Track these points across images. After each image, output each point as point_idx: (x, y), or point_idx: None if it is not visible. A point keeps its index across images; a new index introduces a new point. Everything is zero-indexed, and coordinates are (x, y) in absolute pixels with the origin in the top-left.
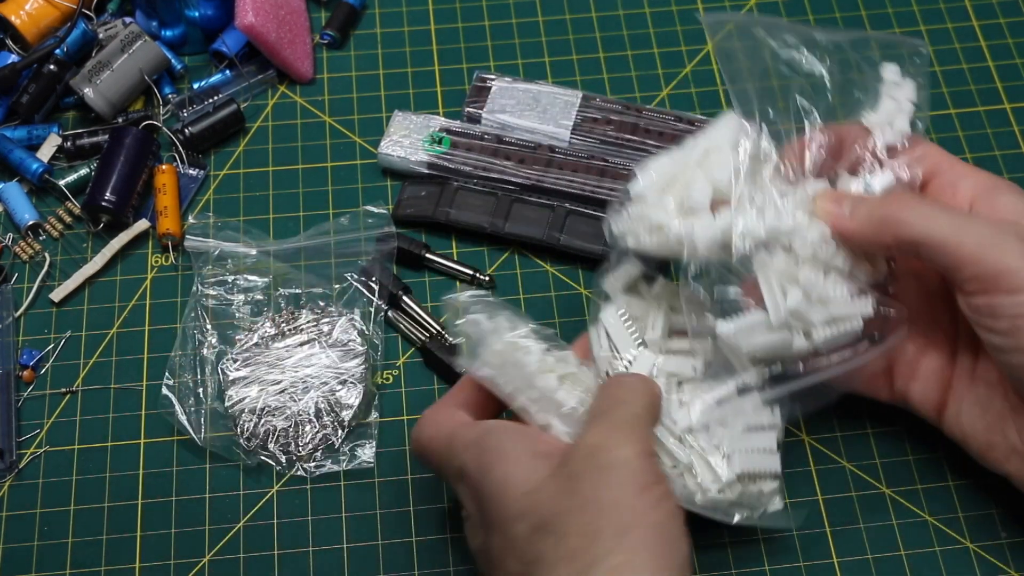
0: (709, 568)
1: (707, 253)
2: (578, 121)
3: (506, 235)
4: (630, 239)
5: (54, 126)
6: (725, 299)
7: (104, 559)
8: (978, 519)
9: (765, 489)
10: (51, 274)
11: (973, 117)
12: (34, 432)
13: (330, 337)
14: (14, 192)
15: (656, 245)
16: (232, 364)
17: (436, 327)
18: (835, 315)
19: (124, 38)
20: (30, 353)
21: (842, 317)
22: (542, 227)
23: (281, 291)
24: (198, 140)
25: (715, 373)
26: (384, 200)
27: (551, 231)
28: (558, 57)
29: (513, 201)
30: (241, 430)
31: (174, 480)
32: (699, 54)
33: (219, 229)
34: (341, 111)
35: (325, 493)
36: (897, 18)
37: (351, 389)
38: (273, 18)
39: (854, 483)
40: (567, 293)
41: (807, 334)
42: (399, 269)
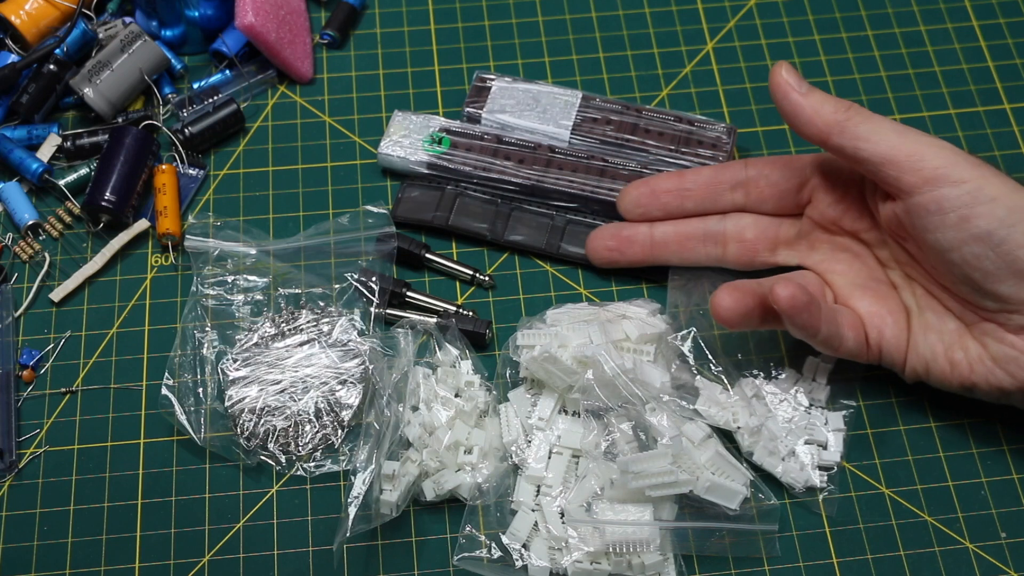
0: (709, 568)
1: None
2: (578, 121)
3: (506, 243)
4: (524, 364)
5: (54, 126)
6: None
7: (104, 559)
8: (978, 519)
9: (647, 561)
10: (51, 274)
11: (973, 117)
12: (34, 432)
13: (330, 337)
14: (14, 192)
15: (545, 377)
16: (232, 364)
17: (451, 306)
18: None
19: (124, 38)
20: (30, 353)
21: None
22: (542, 235)
23: (281, 291)
24: (198, 140)
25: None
26: (384, 200)
27: (551, 239)
28: (558, 57)
29: (513, 209)
30: (241, 430)
31: (174, 480)
32: (699, 54)
33: (219, 229)
34: (341, 111)
35: (325, 493)
36: (897, 18)
37: (351, 389)
38: (273, 18)
39: (854, 483)
40: (567, 293)
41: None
42: (399, 269)
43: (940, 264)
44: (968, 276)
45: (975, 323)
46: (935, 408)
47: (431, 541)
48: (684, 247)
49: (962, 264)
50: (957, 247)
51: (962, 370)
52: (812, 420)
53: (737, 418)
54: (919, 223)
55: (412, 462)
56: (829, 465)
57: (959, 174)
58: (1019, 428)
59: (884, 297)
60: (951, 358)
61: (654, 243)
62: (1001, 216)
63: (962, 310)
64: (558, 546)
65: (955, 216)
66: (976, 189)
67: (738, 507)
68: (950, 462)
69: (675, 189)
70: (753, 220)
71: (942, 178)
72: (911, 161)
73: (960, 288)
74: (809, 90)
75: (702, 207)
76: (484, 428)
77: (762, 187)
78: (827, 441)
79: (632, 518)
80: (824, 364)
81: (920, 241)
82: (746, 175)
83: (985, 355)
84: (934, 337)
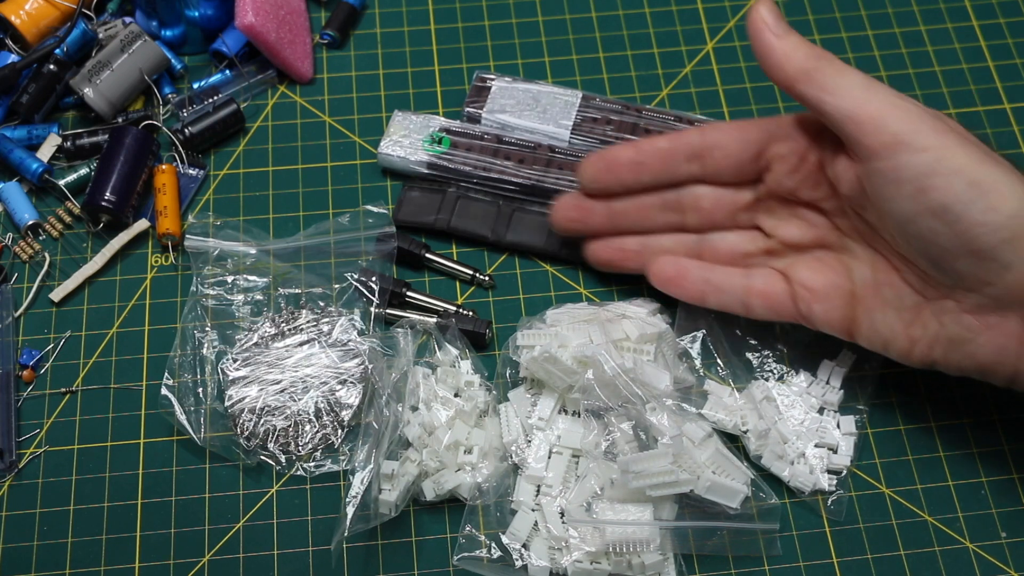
0: (709, 568)
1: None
2: (578, 121)
3: (508, 244)
4: (524, 364)
5: (54, 126)
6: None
7: (104, 559)
8: (978, 519)
9: (647, 561)
10: (51, 274)
11: (973, 117)
12: (34, 432)
13: (330, 337)
14: (14, 192)
15: (545, 377)
16: (232, 364)
17: (451, 306)
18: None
19: (124, 38)
20: (30, 353)
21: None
22: (543, 236)
23: (281, 291)
24: (198, 140)
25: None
26: (384, 200)
27: (552, 240)
28: (558, 57)
29: (514, 210)
30: (241, 430)
31: (174, 480)
32: (699, 54)
33: (219, 229)
34: (341, 111)
35: (325, 493)
36: (897, 18)
37: (351, 389)
38: (273, 18)
39: (854, 483)
40: (567, 293)
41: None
42: (399, 269)
43: (898, 235)
44: (925, 250)
45: (934, 299)
46: (935, 408)
47: (431, 541)
48: (643, 216)
49: (918, 238)
50: (913, 219)
51: (921, 348)
52: (823, 424)
53: (745, 421)
54: (877, 190)
55: (411, 462)
56: (838, 469)
57: (921, 141)
58: (1019, 428)
59: (826, 270)
60: (910, 335)
61: (613, 212)
62: (959, 191)
63: (922, 285)
64: (558, 546)
65: (912, 187)
66: (936, 160)
67: (739, 506)
68: (950, 462)
69: (631, 162)
70: (709, 189)
71: (902, 144)
72: (873, 123)
73: (919, 261)
74: (785, 32)
75: (659, 179)
76: (484, 428)
77: (718, 158)
78: (837, 445)
79: (632, 518)
80: (839, 368)
81: (878, 209)
82: (702, 144)
83: (942, 334)
84: (892, 314)
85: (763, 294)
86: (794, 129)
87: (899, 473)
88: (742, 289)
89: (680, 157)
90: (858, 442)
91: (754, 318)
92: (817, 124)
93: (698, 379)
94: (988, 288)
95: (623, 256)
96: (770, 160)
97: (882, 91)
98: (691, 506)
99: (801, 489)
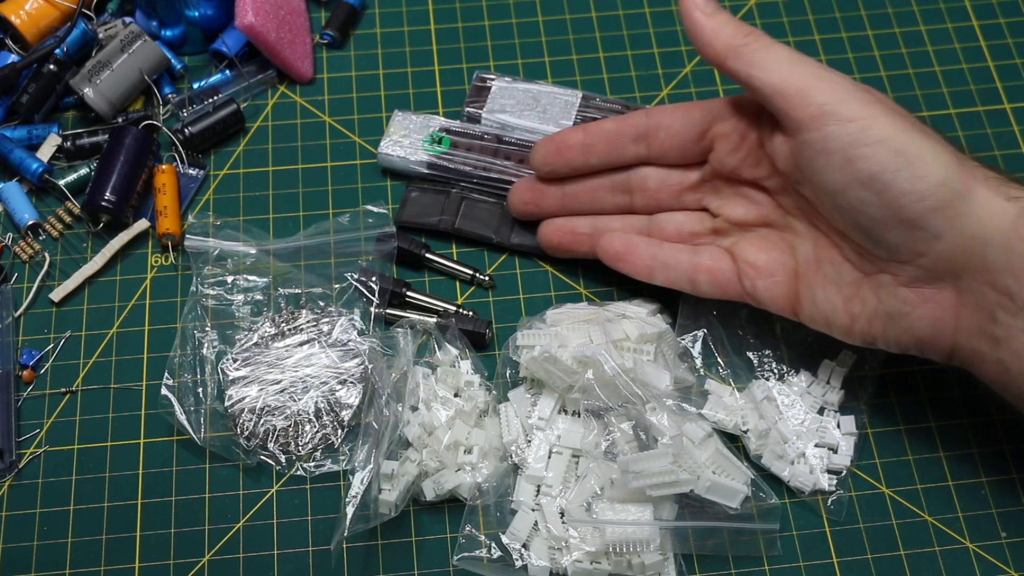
0: (709, 568)
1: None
2: (578, 121)
3: (512, 246)
4: (524, 364)
5: (54, 126)
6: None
7: (104, 559)
8: (978, 519)
9: (647, 561)
10: (51, 274)
11: (973, 117)
12: (34, 432)
13: (330, 337)
14: (14, 192)
15: (545, 377)
16: (232, 364)
17: (451, 306)
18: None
19: (124, 38)
20: (30, 353)
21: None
22: None
23: (281, 291)
24: (198, 140)
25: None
26: (384, 200)
27: None
28: (558, 57)
29: None
30: (241, 430)
31: (174, 480)
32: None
33: (219, 229)
34: (341, 111)
35: (325, 493)
36: (897, 18)
37: (351, 389)
38: (273, 18)
39: (854, 483)
40: (567, 293)
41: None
42: (399, 269)
43: (832, 208)
44: (857, 222)
45: (872, 274)
46: (935, 408)
47: (431, 541)
48: (593, 198)
49: (850, 209)
50: (843, 190)
51: (861, 324)
52: (824, 423)
53: (746, 421)
54: (808, 163)
55: (411, 462)
56: (838, 469)
57: (846, 112)
58: (1019, 428)
59: (770, 248)
60: (850, 311)
61: (565, 195)
62: (885, 160)
63: (860, 260)
64: (558, 546)
65: (839, 157)
66: (861, 130)
67: (739, 506)
68: (950, 462)
69: (579, 144)
70: (655, 170)
71: (828, 115)
72: (800, 95)
73: (853, 234)
74: (715, 11)
75: (607, 161)
76: (484, 428)
77: (663, 139)
78: (837, 444)
79: (632, 518)
80: (839, 368)
81: (811, 183)
82: (647, 125)
83: (880, 309)
84: (832, 290)
85: (709, 271)
86: (735, 109)
87: (899, 473)
88: (689, 265)
89: (627, 138)
90: (858, 442)
91: (700, 295)
92: (756, 103)
93: (698, 379)
94: (920, 259)
95: (574, 239)
96: (713, 139)
97: (809, 64)
98: (691, 506)
99: (801, 489)
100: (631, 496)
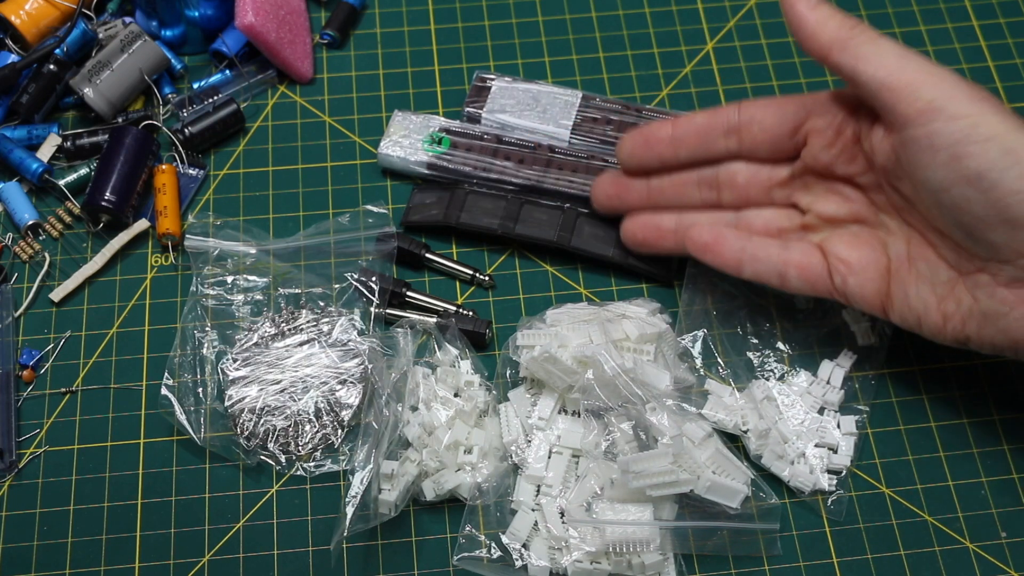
0: (709, 568)
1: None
2: (578, 121)
3: (517, 237)
4: (524, 364)
5: (54, 126)
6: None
7: (104, 559)
8: (978, 519)
9: (647, 561)
10: (51, 274)
11: None
12: (34, 432)
13: (330, 337)
14: (14, 192)
15: (545, 377)
16: (232, 364)
17: (451, 306)
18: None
19: (124, 38)
20: (30, 353)
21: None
22: (553, 229)
23: (281, 291)
24: (198, 140)
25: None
26: (384, 200)
27: (562, 233)
28: (558, 57)
29: (523, 203)
30: (241, 430)
31: (174, 480)
32: (699, 54)
33: (219, 229)
34: (341, 111)
35: (325, 493)
36: (897, 18)
37: (351, 389)
38: (273, 18)
39: (854, 483)
40: (567, 293)
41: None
42: (399, 269)
43: (933, 206)
44: (959, 220)
45: (969, 273)
46: (935, 408)
47: (431, 541)
48: (680, 192)
49: (953, 207)
50: (948, 188)
51: (955, 323)
52: (824, 423)
53: (746, 421)
54: (912, 159)
55: (411, 462)
56: (838, 469)
57: (955, 108)
58: (1019, 428)
59: (862, 244)
60: (944, 311)
61: (651, 189)
62: (993, 158)
63: (957, 259)
64: (558, 546)
65: (946, 154)
66: (971, 127)
67: (739, 506)
68: (950, 462)
69: (668, 138)
70: (745, 165)
71: (937, 111)
72: (908, 90)
73: (954, 232)
74: (818, 3)
75: (696, 155)
76: (484, 428)
77: (755, 133)
78: (838, 444)
79: (632, 518)
80: (839, 367)
81: (913, 179)
82: (739, 119)
83: (976, 309)
84: (926, 288)
85: (800, 266)
86: (831, 103)
87: (899, 473)
88: (779, 259)
89: (717, 132)
90: (858, 442)
91: (789, 291)
92: (853, 98)
93: (698, 379)
94: (1022, 260)
95: (659, 235)
96: (807, 134)
97: (916, 59)
98: (691, 506)
99: (801, 489)
100: (631, 496)
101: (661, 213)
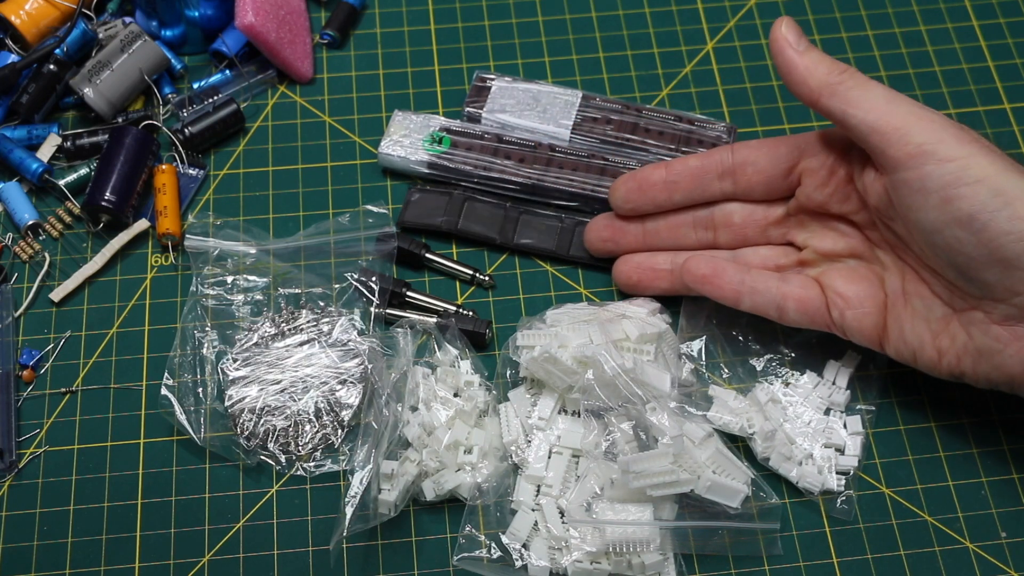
0: (709, 568)
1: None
2: (578, 120)
3: (516, 247)
4: (524, 364)
5: (54, 126)
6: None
7: (104, 559)
8: (978, 519)
9: (647, 561)
10: (51, 274)
11: (973, 117)
12: (34, 432)
13: (330, 337)
14: (14, 192)
15: (545, 377)
16: (232, 364)
17: (451, 306)
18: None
19: (124, 38)
20: (30, 353)
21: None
22: (552, 238)
23: (281, 291)
24: (198, 140)
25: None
26: (384, 200)
27: (561, 242)
28: (558, 57)
29: (522, 212)
30: (241, 430)
31: (174, 480)
32: (699, 54)
33: (219, 229)
34: (341, 111)
35: (325, 493)
36: (897, 18)
37: (351, 389)
38: (273, 18)
39: (854, 483)
40: (567, 293)
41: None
42: (399, 269)
43: (926, 246)
44: (952, 260)
45: (963, 310)
46: (935, 408)
47: (431, 541)
48: (675, 234)
49: (945, 248)
50: (940, 229)
51: (950, 359)
52: (830, 424)
53: (752, 424)
54: (904, 201)
55: (411, 462)
56: (846, 469)
57: (945, 151)
58: (1019, 428)
59: (859, 279)
60: (939, 346)
61: (646, 232)
62: (984, 199)
63: (950, 296)
64: (558, 546)
65: (937, 197)
66: (960, 169)
67: (739, 506)
68: (950, 462)
69: (662, 182)
70: (740, 205)
71: (927, 155)
72: (898, 134)
73: (947, 272)
74: (807, 48)
75: (691, 198)
76: (484, 428)
77: (749, 174)
78: (844, 445)
79: (632, 518)
80: (844, 368)
81: (905, 221)
82: (732, 162)
83: (971, 345)
84: (921, 325)
85: (798, 299)
86: (823, 143)
87: (899, 473)
88: (778, 293)
89: (712, 175)
90: (865, 441)
91: (786, 323)
92: (845, 138)
93: (699, 380)
94: (1016, 298)
95: (654, 276)
96: (800, 174)
97: (905, 103)
98: (691, 506)
99: (810, 490)
100: (631, 496)
101: (656, 253)
